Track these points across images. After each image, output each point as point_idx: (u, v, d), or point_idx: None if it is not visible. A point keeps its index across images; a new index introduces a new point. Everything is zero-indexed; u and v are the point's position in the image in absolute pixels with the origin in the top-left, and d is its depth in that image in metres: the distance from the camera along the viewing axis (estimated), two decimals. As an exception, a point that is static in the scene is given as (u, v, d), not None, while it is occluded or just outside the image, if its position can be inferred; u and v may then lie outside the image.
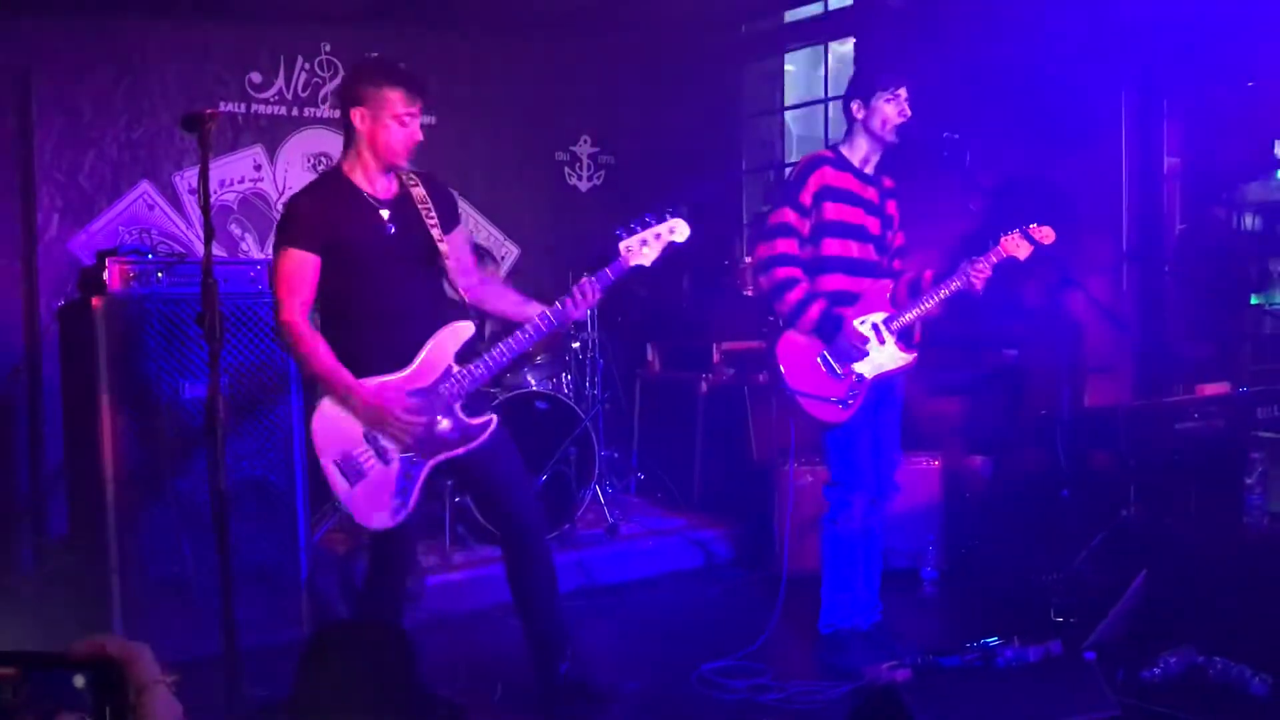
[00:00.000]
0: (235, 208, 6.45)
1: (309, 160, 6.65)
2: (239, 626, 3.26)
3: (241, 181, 6.49)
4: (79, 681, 1.12)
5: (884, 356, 4.05)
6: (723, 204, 7.75)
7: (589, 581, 5.26)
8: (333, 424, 3.35)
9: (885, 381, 4.10)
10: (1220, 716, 3.53)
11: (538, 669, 3.73)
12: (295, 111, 6.61)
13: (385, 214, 3.45)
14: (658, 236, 3.51)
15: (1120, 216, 5.77)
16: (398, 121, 3.37)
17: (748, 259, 6.96)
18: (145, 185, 6.17)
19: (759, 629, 4.32)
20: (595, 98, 7.60)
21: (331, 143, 6.70)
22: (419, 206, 3.51)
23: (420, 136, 3.45)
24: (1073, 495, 4.75)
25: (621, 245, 3.51)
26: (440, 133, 6.92)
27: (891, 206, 4.21)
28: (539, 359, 5.80)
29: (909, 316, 4.06)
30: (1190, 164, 5.73)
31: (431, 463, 3.42)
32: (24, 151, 5.87)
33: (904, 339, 4.10)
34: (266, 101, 6.52)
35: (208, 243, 3.21)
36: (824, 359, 4.00)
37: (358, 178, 3.45)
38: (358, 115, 3.38)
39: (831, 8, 7.35)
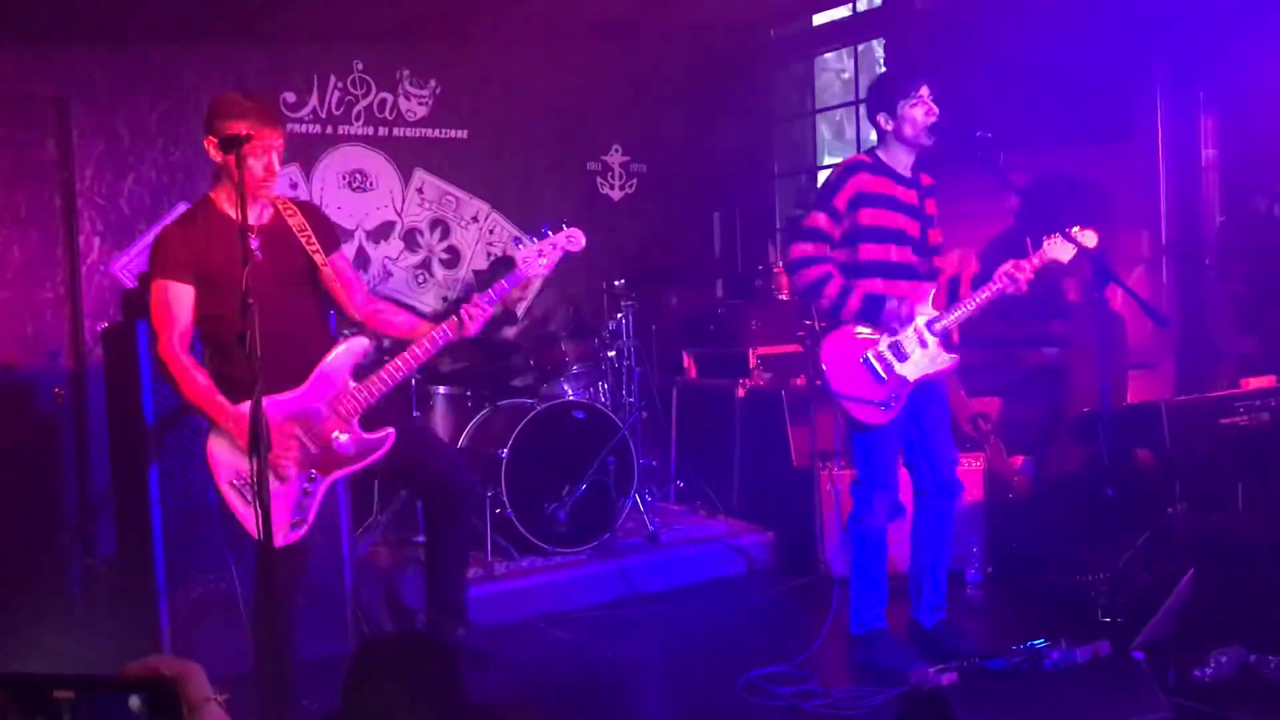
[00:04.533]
0: (272, 227, 6.50)
1: (344, 178, 6.71)
2: (286, 642, 3.29)
3: (278, 200, 6.55)
4: (134, 703, 1.14)
5: (926, 359, 4.04)
6: (755, 208, 7.75)
7: (631, 590, 5.25)
8: (225, 447, 3.37)
9: (927, 383, 4.09)
10: (1276, 717, 3.48)
11: (432, 626, 3.99)
12: (329, 130, 6.67)
13: (255, 241, 3.36)
14: (554, 246, 3.63)
15: (1158, 210, 5.72)
16: (251, 154, 3.28)
17: (782, 262, 6.96)
18: (183, 207, 6.25)
19: (803, 634, 4.30)
20: (625, 107, 7.62)
21: (366, 159, 6.77)
22: (298, 234, 3.54)
23: (278, 169, 3.43)
24: (1117, 494, 4.70)
25: (518, 256, 3.62)
26: (472, 146, 6.97)
27: (931, 205, 4.19)
28: (575, 369, 5.79)
29: (950, 319, 4.04)
30: (1229, 155, 5.66)
31: (330, 479, 3.46)
32: (65, 177, 5.97)
33: (945, 341, 4.09)
34: (301, 120, 6.58)
35: (247, 263, 3.25)
36: (867, 361, 4.00)
37: (225, 206, 3.44)
38: (211, 147, 3.34)
39: (860, 9, 7.34)
